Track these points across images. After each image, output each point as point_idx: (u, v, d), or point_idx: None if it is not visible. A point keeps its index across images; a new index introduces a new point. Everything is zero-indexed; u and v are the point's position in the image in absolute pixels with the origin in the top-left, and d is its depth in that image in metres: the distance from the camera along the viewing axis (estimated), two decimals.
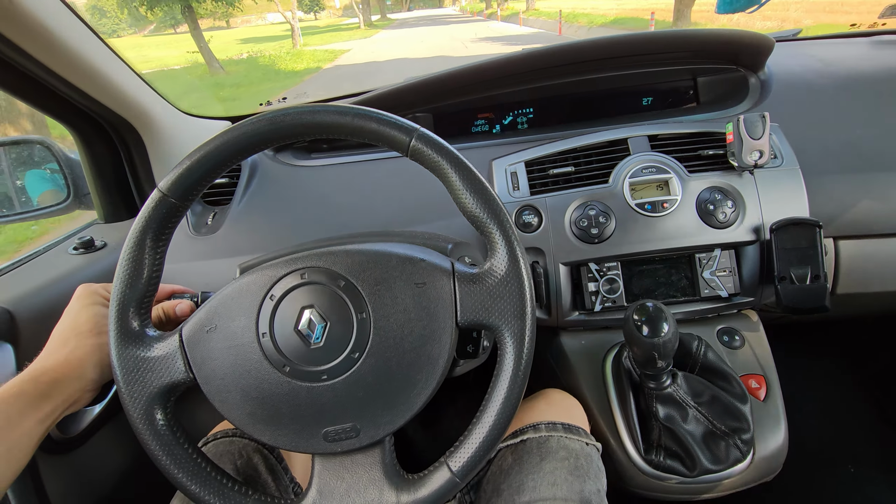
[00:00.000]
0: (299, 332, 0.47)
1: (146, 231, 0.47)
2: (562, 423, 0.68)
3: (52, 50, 0.67)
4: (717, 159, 0.80)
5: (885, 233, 0.78)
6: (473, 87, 0.99)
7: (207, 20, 62.17)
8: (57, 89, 0.73)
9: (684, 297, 0.79)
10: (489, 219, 0.45)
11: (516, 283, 0.45)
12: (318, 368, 0.46)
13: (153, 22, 64.39)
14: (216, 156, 0.47)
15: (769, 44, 0.89)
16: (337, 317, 0.46)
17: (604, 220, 0.76)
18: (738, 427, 0.66)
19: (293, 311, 0.47)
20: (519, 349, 0.44)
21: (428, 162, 0.46)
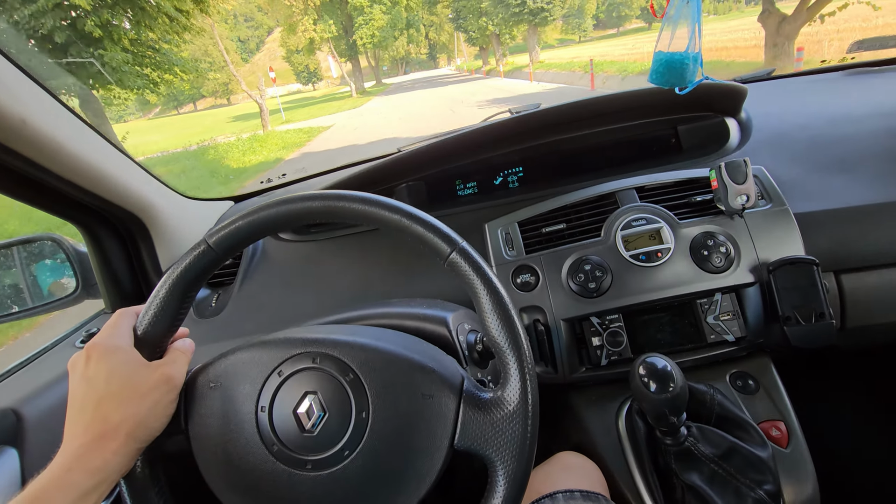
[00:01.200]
0: (297, 415, 0.46)
1: (183, 277, 0.48)
2: (580, 491, 0.66)
3: (59, 156, 0.71)
4: (705, 205, 0.81)
5: (884, 263, 0.78)
6: (462, 153, 1.03)
7: (209, 99, 65.50)
8: (63, 191, 0.77)
9: (691, 345, 0.78)
10: (509, 349, 0.45)
11: (521, 422, 0.44)
12: (305, 457, 0.45)
13: (158, 105, 67.85)
14: (265, 221, 0.49)
15: (741, 91, 0.93)
16: (337, 410, 0.46)
17: (600, 274, 0.77)
18: (762, 479, 0.63)
19: (297, 392, 0.47)
20: (510, 491, 0.43)
21: (462, 275, 0.47)
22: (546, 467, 0.72)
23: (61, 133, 0.70)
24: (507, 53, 33.81)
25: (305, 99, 38.97)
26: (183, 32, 10.36)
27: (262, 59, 73.55)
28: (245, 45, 76.39)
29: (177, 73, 11.40)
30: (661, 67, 0.70)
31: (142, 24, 9.36)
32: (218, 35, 55.44)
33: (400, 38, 36.20)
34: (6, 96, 0.61)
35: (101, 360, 0.45)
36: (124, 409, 0.43)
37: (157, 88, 11.55)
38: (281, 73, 68.16)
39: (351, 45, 34.15)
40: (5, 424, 0.68)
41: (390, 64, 72.50)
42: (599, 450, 0.74)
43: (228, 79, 58.20)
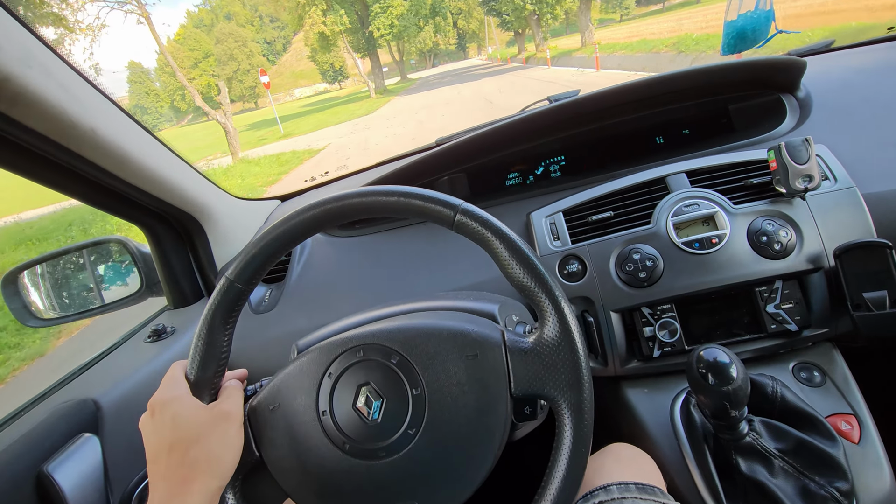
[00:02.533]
0: (357, 409, 0.48)
1: (216, 316, 0.51)
2: (635, 484, 0.64)
3: (125, 162, 0.76)
4: (763, 188, 0.77)
5: None
6: (503, 143, 1.02)
7: (237, 103, 67.19)
8: (128, 195, 0.82)
9: (749, 335, 0.75)
10: (537, 287, 0.46)
11: (569, 351, 0.44)
12: (377, 446, 0.47)
13: (189, 113, 70.35)
14: (274, 243, 0.51)
15: (798, 64, 0.88)
16: (392, 393, 0.48)
17: (651, 263, 0.74)
18: (833, 476, 0.60)
19: (351, 388, 0.49)
20: (578, 420, 0.43)
21: (472, 234, 0.47)
22: (599, 459, 0.71)
23: (126, 140, 0.75)
24: (548, 37, 30.55)
25: (330, 100, 37.36)
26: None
27: (289, 59, 73.98)
28: (272, 47, 77.18)
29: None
30: (733, 39, 0.68)
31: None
32: (244, 37, 54.76)
33: (425, 27, 32.81)
34: (77, 108, 0.66)
35: (163, 411, 0.49)
36: (195, 451, 0.46)
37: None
38: (307, 72, 68.74)
39: (368, 38, 30.74)
40: (86, 414, 0.73)
41: (418, 57, 69.76)
42: (654, 442, 0.72)
43: (255, 82, 59.08)
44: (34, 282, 1.02)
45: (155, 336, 0.91)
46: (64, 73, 0.64)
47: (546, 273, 0.46)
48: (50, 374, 3.21)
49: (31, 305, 1.00)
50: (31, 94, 0.57)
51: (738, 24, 0.63)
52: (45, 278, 1.04)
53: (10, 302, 0.97)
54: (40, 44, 0.60)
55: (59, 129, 0.64)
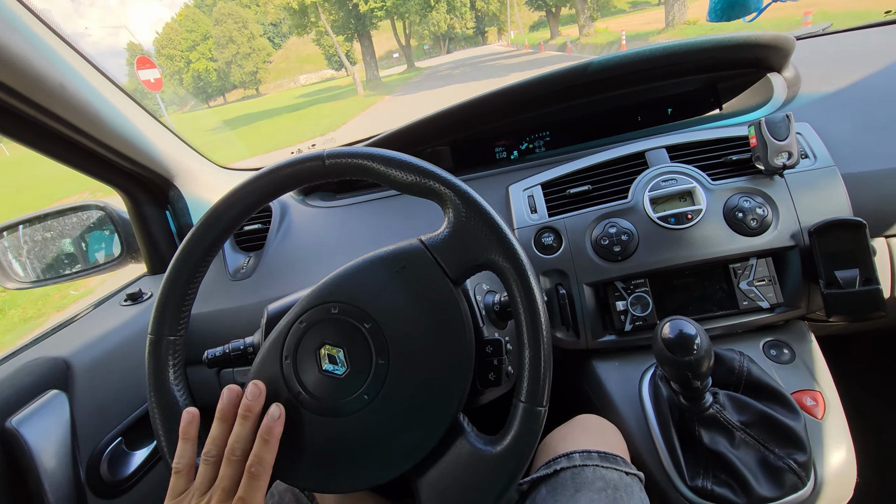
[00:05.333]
0: (325, 372, 0.48)
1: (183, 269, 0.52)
2: (598, 452, 0.65)
3: (97, 120, 0.75)
4: (742, 164, 0.77)
5: None
6: (488, 116, 1.01)
7: (237, 90, 65.45)
8: (104, 156, 0.81)
9: (722, 311, 0.75)
10: (425, 180, 0.47)
11: (478, 214, 0.46)
12: (356, 393, 0.47)
13: (191, 100, 68.76)
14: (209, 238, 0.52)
15: (787, 42, 0.86)
16: (350, 338, 0.48)
17: (626, 237, 0.74)
18: (792, 449, 0.60)
19: (311, 354, 0.49)
20: (519, 271, 0.45)
21: (349, 168, 0.49)
22: (565, 429, 0.72)
23: (99, 98, 0.73)
24: (597, 16, 23.95)
25: (327, 90, 31.37)
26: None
27: (296, 42, 70.83)
28: (278, 29, 73.86)
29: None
30: (725, 4, 0.67)
31: None
32: (245, 18, 50.88)
33: (438, 6, 26.31)
34: (45, 63, 0.64)
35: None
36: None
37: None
38: (313, 57, 65.69)
39: (357, 15, 23.69)
40: (56, 372, 0.73)
41: (432, 42, 64.20)
42: (621, 414, 0.73)
43: (256, 67, 57.61)
44: (14, 244, 1.02)
45: (131, 300, 0.91)
46: (33, 27, 0.63)
47: (427, 164, 0.48)
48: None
49: (9, 266, 1.00)
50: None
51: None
52: (26, 241, 1.03)
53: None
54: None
55: (26, 82, 0.63)
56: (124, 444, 0.79)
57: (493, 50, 37.55)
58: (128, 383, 0.81)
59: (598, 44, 16.86)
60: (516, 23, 41.84)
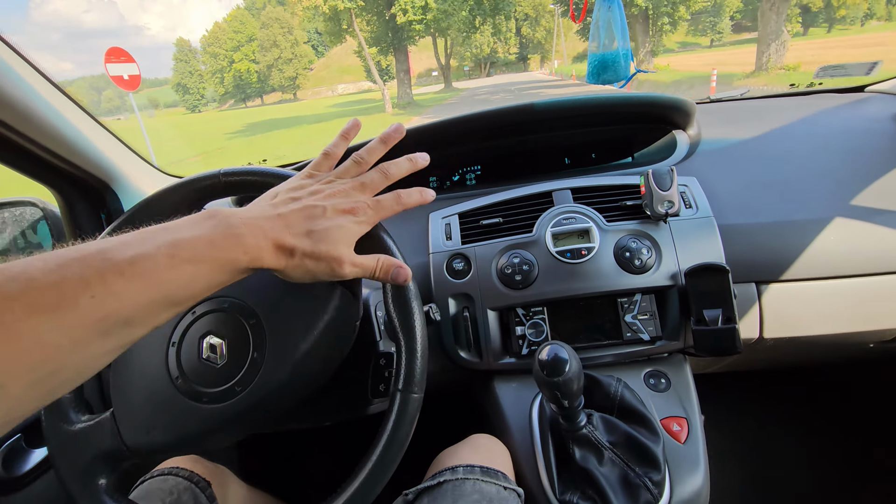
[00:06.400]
0: (204, 360, 0.52)
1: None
2: (480, 467, 0.70)
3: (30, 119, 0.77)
4: (635, 209, 0.85)
5: (803, 277, 0.81)
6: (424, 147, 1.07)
7: (277, 93, 64.70)
8: (35, 154, 0.83)
9: (608, 341, 0.82)
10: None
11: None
12: (227, 386, 0.51)
13: (230, 99, 67.35)
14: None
15: (689, 106, 0.97)
16: (233, 331, 0.52)
17: (527, 268, 0.81)
18: (650, 468, 0.66)
19: (196, 341, 0.52)
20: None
21: (239, 186, 0.56)
22: (457, 447, 0.76)
23: (33, 96, 0.76)
24: (660, 51, 21.81)
25: (358, 101, 30.76)
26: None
27: (339, 52, 70.16)
28: (322, 38, 74.00)
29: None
30: (596, 68, 0.76)
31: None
32: (291, 24, 49.06)
33: (483, 27, 24.22)
34: None
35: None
36: (318, 249, 0.47)
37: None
38: (353, 69, 65.02)
39: (393, 27, 21.89)
40: None
41: (473, 64, 61.40)
42: (511, 434, 0.78)
43: (295, 73, 58.10)
44: None
45: None
46: None
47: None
48: None
49: None
50: None
51: (598, 55, 0.72)
52: None
53: None
54: None
55: None
56: (24, 441, 0.79)
57: (535, 77, 35.47)
58: None
59: (662, 81, 15.01)
60: (561, 52, 39.96)
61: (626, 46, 0.69)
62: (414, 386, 0.49)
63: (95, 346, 0.32)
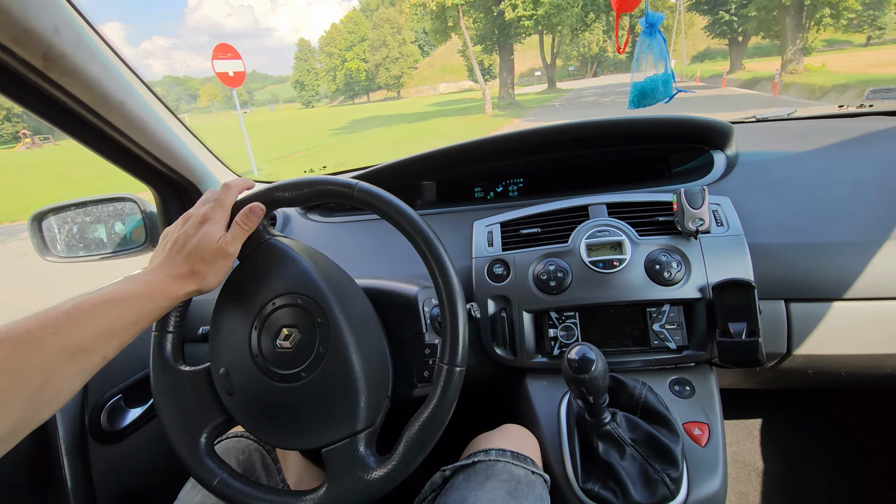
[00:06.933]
0: (278, 346, 0.62)
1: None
2: (511, 451, 0.77)
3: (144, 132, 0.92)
4: (667, 225, 0.90)
5: (835, 297, 0.84)
6: (472, 160, 1.17)
7: (381, 91, 67.73)
8: (144, 159, 0.98)
9: (636, 347, 0.88)
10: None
11: (368, 490, 0.57)
12: (275, 370, 0.61)
13: (340, 96, 70.67)
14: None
15: (727, 128, 1.01)
16: (305, 325, 0.61)
17: (562, 275, 0.88)
18: (668, 465, 0.72)
19: (275, 329, 0.63)
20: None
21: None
22: (491, 433, 0.84)
23: (148, 114, 0.91)
24: (813, 48, 18.35)
25: (457, 101, 29.49)
26: None
27: (443, 52, 71.43)
28: (429, 38, 73.76)
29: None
30: (636, 96, 0.83)
31: None
32: (400, 24, 49.26)
33: (594, 26, 22.75)
34: (112, 84, 0.82)
35: (195, 227, 0.62)
36: (199, 265, 0.60)
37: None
38: (455, 68, 65.60)
39: (500, 24, 20.99)
40: None
41: (578, 63, 57.97)
42: (540, 426, 0.85)
43: (401, 72, 60.35)
44: (58, 222, 1.20)
45: None
46: (106, 55, 0.81)
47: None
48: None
49: (50, 243, 1.17)
50: (78, 69, 0.74)
51: (639, 84, 0.80)
52: (67, 222, 1.21)
53: (33, 236, 1.14)
54: (91, 29, 0.77)
55: (95, 98, 0.81)
56: (123, 401, 0.94)
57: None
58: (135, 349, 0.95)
59: (818, 85, 12.21)
60: (678, 51, 35.26)
61: (668, 72, 0.76)
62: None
63: (64, 368, 0.48)
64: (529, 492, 0.72)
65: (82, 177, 13.32)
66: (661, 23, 0.83)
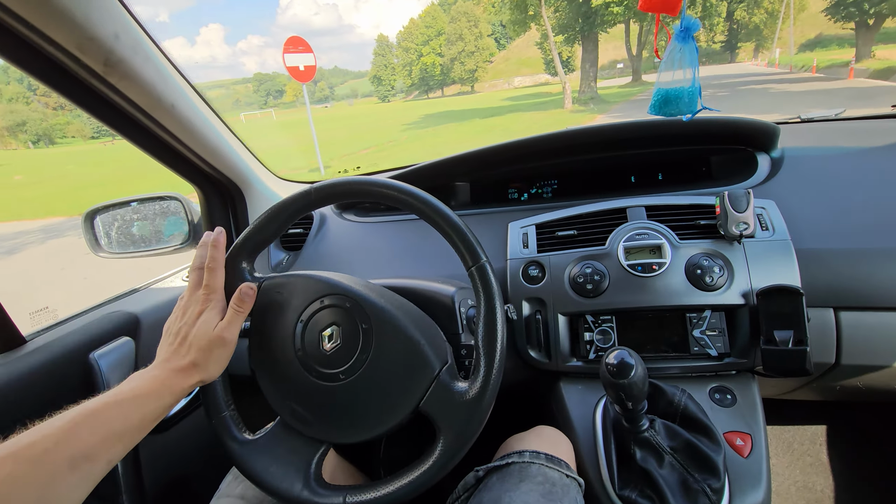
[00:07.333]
0: (321, 345, 0.63)
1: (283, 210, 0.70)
2: (545, 454, 0.77)
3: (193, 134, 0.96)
4: (709, 229, 0.88)
5: (887, 306, 0.80)
6: (506, 161, 1.17)
7: (455, 85, 67.92)
8: (190, 160, 1.02)
9: (675, 353, 0.86)
10: (483, 342, 0.59)
11: (470, 412, 0.57)
12: (315, 367, 0.63)
13: (415, 90, 71.97)
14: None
15: (772, 129, 0.98)
16: (349, 329, 0.63)
17: (598, 278, 0.87)
18: (710, 475, 0.70)
19: (318, 327, 0.64)
20: (441, 459, 0.56)
21: (476, 286, 0.62)
22: (524, 434, 0.84)
23: (197, 117, 0.95)
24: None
25: (533, 95, 27.42)
26: None
27: (520, 44, 70.17)
28: (506, 30, 72.21)
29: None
30: (659, 101, 0.82)
31: None
32: (477, 17, 45.10)
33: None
34: (164, 87, 0.86)
35: (193, 318, 0.64)
36: (200, 356, 0.61)
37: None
38: (532, 61, 63.52)
39: (585, 12, 19.55)
40: (129, 323, 0.93)
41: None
42: (575, 430, 0.84)
43: (476, 65, 60.40)
44: (107, 221, 1.25)
45: None
46: (160, 61, 0.84)
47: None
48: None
49: (101, 239, 1.23)
50: (135, 73, 0.78)
51: (664, 90, 0.79)
52: (116, 220, 1.27)
53: (86, 233, 1.20)
54: (146, 35, 0.81)
55: (150, 101, 0.85)
56: None
57: (749, 70, 29.30)
58: None
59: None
60: (786, 39, 31.78)
61: (696, 85, 0.73)
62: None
63: (64, 480, 0.46)
64: (564, 495, 0.71)
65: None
66: (697, 30, 0.81)
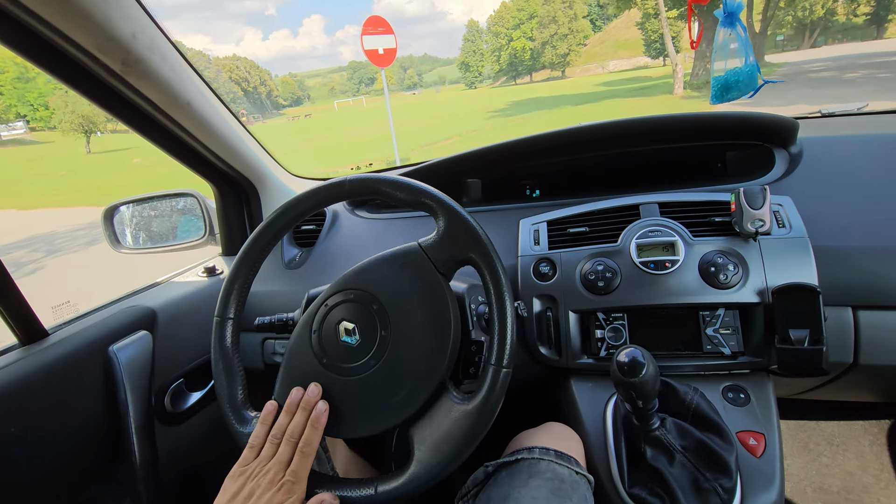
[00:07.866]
0: (342, 342, 0.64)
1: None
2: (555, 450, 0.77)
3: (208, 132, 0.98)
4: (724, 226, 0.87)
5: None
6: (518, 158, 1.17)
7: (545, 70, 66.12)
8: (206, 157, 1.04)
9: (688, 352, 0.85)
10: (417, 197, 0.63)
11: (460, 222, 0.60)
12: (343, 365, 0.62)
13: (503, 76, 70.96)
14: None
15: (791, 124, 0.96)
16: (362, 316, 0.63)
17: (610, 275, 0.86)
18: (721, 475, 0.69)
19: (333, 328, 0.65)
20: (489, 263, 0.59)
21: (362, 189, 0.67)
22: (534, 431, 0.84)
23: (213, 115, 0.96)
24: None
25: (632, 79, 25.17)
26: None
27: (617, 26, 66.26)
28: (603, 11, 68.97)
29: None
30: (720, 90, 0.81)
31: None
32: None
33: None
34: (181, 86, 0.87)
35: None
36: None
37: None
38: (631, 42, 57.21)
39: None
40: (147, 318, 0.95)
41: (792, 32, 42.33)
42: (585, 427, 0.84)
43: (568, 49, 58.20)
44: (127, 218, 1.28)
45: (207, 272, 1.13)
46: (176, 59, 0.86)
47: (419, 184, 0.62)
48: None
49: (120, 235, 1.26)
50: (152, 72, 0.79)
51: (721, 78, 0.79)
52: (134, 216, 1.30)
53: (106, 230, 1.23)
54: (162, 35, 0.82)
55: (166, 99, 0.86)
56: (185, 385, 1.00)
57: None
58: (195, 336, 1.02)
59: None
60: None
61: (752, 62, 0.73)
62: (506, 361, 0.58)
63: None
64: (573, 492, 0.71)
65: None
66: (741, 11, 0.80)
